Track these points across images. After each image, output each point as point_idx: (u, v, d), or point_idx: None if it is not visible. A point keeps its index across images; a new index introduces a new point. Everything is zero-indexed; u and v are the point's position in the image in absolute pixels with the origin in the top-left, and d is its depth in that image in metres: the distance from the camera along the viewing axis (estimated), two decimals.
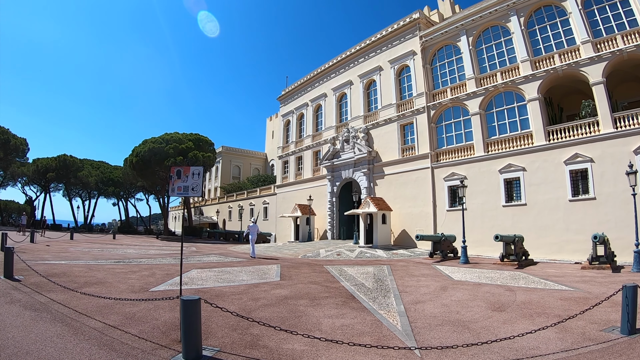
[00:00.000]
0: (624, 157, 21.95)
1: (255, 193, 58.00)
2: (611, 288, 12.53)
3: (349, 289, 13.33)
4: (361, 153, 37.31)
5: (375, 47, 38.69)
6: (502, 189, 27.50)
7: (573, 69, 25.67)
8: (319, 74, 46.06)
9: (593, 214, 23.02)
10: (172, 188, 9.05)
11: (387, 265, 20.48)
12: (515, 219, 26.38)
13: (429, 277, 16.36)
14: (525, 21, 28.44)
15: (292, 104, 51.19)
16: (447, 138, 31.98)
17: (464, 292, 12.92)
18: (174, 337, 7.54)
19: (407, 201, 33.27)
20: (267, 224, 52.57)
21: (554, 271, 18.42)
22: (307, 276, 16.26)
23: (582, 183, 24.08)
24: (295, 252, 29.09)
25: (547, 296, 11.93)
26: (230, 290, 12.54)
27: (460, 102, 31.10)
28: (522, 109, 27.83)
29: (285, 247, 33.97)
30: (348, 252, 27.69)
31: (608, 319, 9.03)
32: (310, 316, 9.46)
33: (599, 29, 25.30)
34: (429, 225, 31.22)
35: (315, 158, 45.63)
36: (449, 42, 32.78)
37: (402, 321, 9.09)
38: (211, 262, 20.71)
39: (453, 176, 30.18)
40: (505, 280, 15.42)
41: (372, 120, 37.96)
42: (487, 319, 9.33)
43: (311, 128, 46.54)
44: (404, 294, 12.42)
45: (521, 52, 28.19)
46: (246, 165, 78.78)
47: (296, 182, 47.92)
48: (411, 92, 34.85)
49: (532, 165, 26.25)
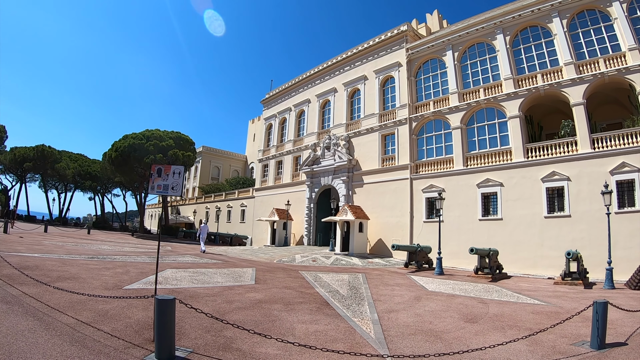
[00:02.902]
0: (600, 177, 22.32)
1: (233, 195, 57.34)
2: (582, 303, 12.69)
3: (323, 295, 13.26)
4: (341, 161, 37.19)
5: (361, 56, 38.76)
6: (480, 203, 27.66)
7: (555, 89, 26.11)
8: (303, 79, 45.93)
9: (568, 231, 23.33)
10: (152, 186, 8.98)
11: (362, 273, 20.38)
12: (491, 232, 26.56)
13: (403, 287, 16.33)
14: (511, 40, 28.86)
15: (275, 108, 50.92)
16: (428, 150, 32.04)
17: (437, 302, 12.90)
18: (147, 336, 7.44)
19: (385, 211, 33.22)
20: (244, 227, 52.02)
21: (527, 285, 18.54)
22: (282, 281, 16.13)
23: (558, 200, 24.42)
24: (271, 256, 28.80)
25: (520, 309, 11.99)
26: (205, 292, 12.40)
27: (442, 116, 31.23)
28: (502, 125, 28.10)
29: (261, 250, 33.51)
30: (324, 258, 27.45)
31: (578, 333, 9.12)
32: (284, 321, 9.39)
33: (582, 51, 25.86)
34: (406, 236, 31.18)
35: (295, 163, 45.33)
36: (435, 56, 33.01)
37: (376, 329, 9.07)
38: (186, 263, 20.40)
39: (431, 188, 30.22)
40: (479, 292, 15.46)
41: (354, 129, 37.92)
42: (459, 329, 9.35)
43: (293, 133, 46.29)
44: (378, 303, 12.38)
45: (505, 70, 28.54)
46: (226, 167, 77.97)
47: (275, 187, 47.46)
48: (394, 103, 34.95)
49: (509, 181, 26.48)
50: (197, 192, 72.61)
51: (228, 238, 49.24)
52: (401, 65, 34.63)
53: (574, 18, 26.51)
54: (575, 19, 26.50)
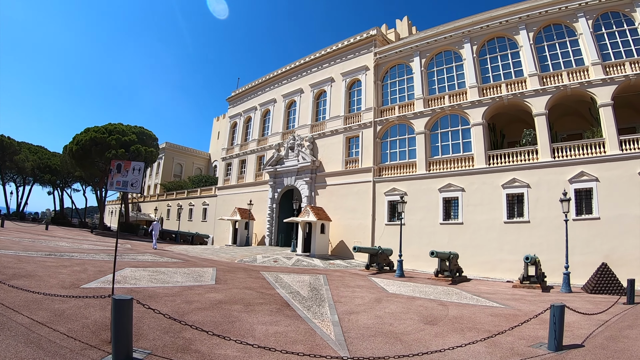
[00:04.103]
0: (559, 185, 22.76)
1: (195, 193, 55.62)
2: (540, 306, 12.85)
3: (284, 296, 13.01)
4: (305, 162, 36.42)
5: (329, 58, 38.15)
6: (441, 207, 27.58)
7: (518, 99, 26.38)
8: (270, 79, 44.90)
9: (526, 236, 23.58)
10: (111, 182, 8.71)
11: (323, 274, 19.93)
12: (452, 236, 26.47)
13: (364, 289, 16.09)
14: (477, 49, 29.00)
15: (240, 106, 49.67)
16: (391, 154, 31.75)
17: (397, 304, 12.74)
18: (104, 337, 7.11)
19: (347, 213, 32.65)
20: (205, 225, 50.38)
21: (486, 288, 18.52)
22: (242, 281, 15.71)
23: (518, 206, 24.67)
24: (232, 256, 27.93)
25: (479, 312, 11.97)
26: (164, 292, 11.92)
27: (406, 120, 30.97)
28: (466, 132, 28.10)
29: (223, 250, 32.51)
30: (285, 259, 26.82)
31: (536, 335, 9.16)
32: (244, 322, 9.17)
33: (547, 64, 26.28)
34: (367, 238, 30.74)
35: (259, 163, 44.15)
36: (402, 62, 32.79)
37: (336, 331, 8.95)
38: (146, 261, 19.62)
39: (394, 191, 29.89)
40: (439, 295, 15.36)
41: (319, 130, 37.21)
42: (419, 331, 9.28)
43: (257, 132, 45.11)
44: (338, 304, 12.20)
45: (470, 78, 28.60)
46: (189, 164, 75.78)
47: (238, 186, 46.17)
48: (360, 106, 34.52)
49: (471, 186, 26.51)
50: (159, 189, 70.32)
51: (189, 237, 47.69)
52: (368, 69, 34.22)
53: (541, 31, 26.95)
54: (541, 32, 26.94)
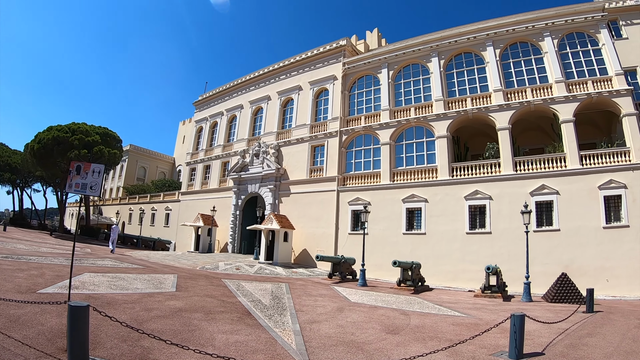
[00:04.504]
0: (520, 197, 23.27)
1: (158, 197, 53.79)
2: (501, 315, 12.88)
3: (245, 304, 12.68)
4: (270, 169, 35.72)
5: (298, 66, 37.76)
6: (404, 217, 27.50)
7: (483, 113, 26.79)
8: (238, 84, 44.08)
9: (488, 247, 23.89)
10: (70, 184, 8.50)
11: (285, 283, 19.61)
12: (415, 246, 26.42)
13: (326, 298, 15.83)
14: (445, 63, 29.34)
15: (207, 111, 48.56)
16: (356, 164, 31.54)
17: (359, 314, 12.57)
18: (60, 345, 6.78)
19: (311, 221, 32.15)
20: (168, 231, 48.64)
21: (448, 298, 18.52)
22: (203, 289, 15.27)
23: (480, 218, 24.96)
24: (194, 262, 27.21)
25: (440, 321, 11.92)
26: (123, 298, 11.50)
27: (372, 131, 30.88)
28: (430, 144, 28.25)
29: (184, 257, 31.51)
30: (247, 267, 26.26)
31: (497, 344, 9.14)
32: (204, 330, 8.90)
33: (512, 80, 26.93)
34: (330, 247, 30.32)
35: (223, 169, 43.07)
36: (370, 73, 32.79)
37: (297, 340, 8.78)
38: (106, 267, 18.91)
39: (358, 201, 29.62)
40: (401, 304, 15.21)
41: (285, 138, 36.65)
42: (381, 340, 9.15)
43: (223, 138, 44.09)
44: (300, 313, 11.97)
45: (436, 92, 28.87)
46: (152, 168, 73.28)
47: (202, 191, 44.85)
48: (326, 115, 34.23)
49: (434, 197, 26.61)
50: (121, 192, 67.92)
51: (151, 242, 46.04)
52: (337, 78, 34.03)
53: (507, 48, 27.67)
54: (508, 49, 27.66)
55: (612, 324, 12.23)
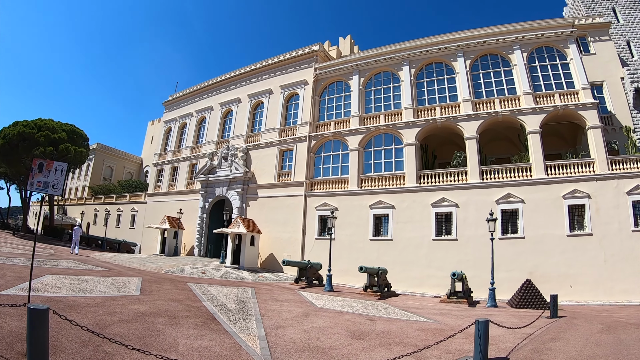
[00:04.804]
0: (486, 205, 23.59)
1: (125, 198, 51.80)
2: (466, 321, 12.81)
3: (210, 309, 12.38)
4: (238, 172, 34.95)
5: (270, 70, 37.20)
6: (371, 223, 27.32)
7: (451, 122, 26.95)
8: (209, 86, 43.17)
9: (454, 253, 23.94)
10: (32, 182, 8.26)
11: (251, 287, 19.22)
12: (381, 252, 26.21)
13: (292, 303, 15.60)
14: (415, 72, 29.45)
15: (176, 112, 47.28)
16: (324, 169, 31.20)
17: (325, 319, 12.42)
18: (20, 349, 6.56)
19: (278, 226, 31.53)
20: (133, 233, 46.81)
21: (414, 303, 18.40)
22: (168, 293, 14.86)
23: (446, 225, 25.06)
24: (159, 266, 26.39)
25: (406, 326, 11.85)
26: (86, 302, 11.14)
27: (341, 137, 30.62)
28: (399, 151, 28.23)
29: (150, 259, 30.54)
30: (214, 271, 25.58)
31: (462, 349, 9.13)
32: (167, 335, 8.61)
33: (481, 91, 27.29)
34: (297, 252, 29.78)
35: (191, 171, 41.87)
36: (341, 79, 32.58)
37: (262, 345, 8.62)
38: (69, 269, 18.23)
39: (325, 206, 29.23)
40: (367, 309, 15.08)
41: (254, 141, 35.93)
42: (346, 346, 9.07)
43: (192, 139, 42.95)
44: (265, 318, 11.76)
45: (406, 100, 28.90)
46: (119, 168, 70.84)
47: (169, 193, 43.43)
48: (296, 119, 33.76)
49: (401, 204, 26.54)
50: (87, 192, 65.47)
51: (116, 244, 44.05)
52: (308, 83, 33.65)
53: (478, 60, 28.05)
54: (478, 60, 28.04)
55: (575, 329, 12.37)
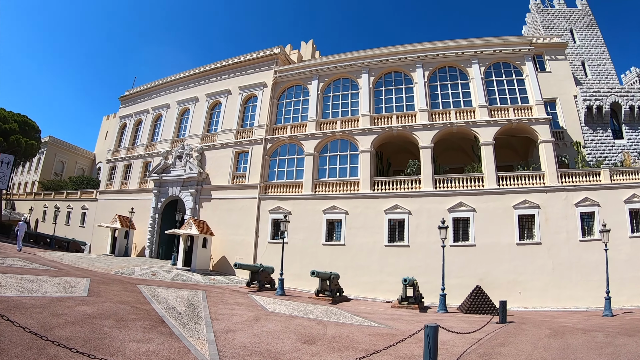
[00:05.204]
0: (439, 213, 23.82)
1: (75, 195, 48.60)
2: (417, 326, 12.70)
3: (159, 312, 11.88)
4: (192, 172, 33.66)
5: (229, 70, 36.17)
6: (324, 228, 27.04)
7: (407, 131, 27.03)
8: (167, 82, 41.53)
9: (406, 260, 24.04)
10: None
11: (202, 290, 18.56)
12: (334, 257, 25.94)
13: (243, 306, 15.14)
14: (375, 80, 29.44)
15: (133, 107, 45.18)
16: (279, 172, 30.57)
17: (276, 323, 12.18)
18: None
19: (231, 228, 30.53)
20: (83, 231, 43.88)
21: (366, 308, 18.33)
22: (117, 294, 14.18)
23: (399, 231, 25.15)
24: (109, 266, 25.25)
25: (357, 331, 11.74)
26: (31, 302, 10.54)
27: (297, 141, 30.11)
28: (354, 157, 28.08)
29: (99, 260, 29.00)
30: (164, 272, 24.65)
31: (412, 354, 9.09)
32: (114, 339, 8.22)
33: (438, 101, 27.61)
34: (250, 255, 28.91)
35: (144, 169, 40.01)
36: (300, 83, 32.09)
37: (211, 350, 8.35)
38: (15, 267, 17.40)
39: (279, 210, 28.55)
40: (318, 314, 14.85)
41: (210, 142, 34.80)
42: (296, 350, 8.91)
43: (147, 137, 41.13)
44: (215, 322, 11.39)
45: (364, 107, 28.78)
46: (71, 163, 66.71)
47: (121, 191, 41.31)
48: (253, 121, 32.92)
49: (355, 209, 26.36)
50: (36, 187, 62.00)
51: (65, 243, 41.31)
52: (267, 86, 32.91)
53: (436, 71, 28.41)
54: (437, 72, 28.41)
55: (524, 334, 12.50)
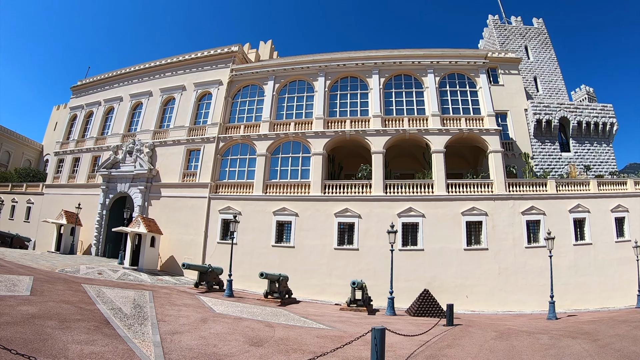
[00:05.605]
0: (388, 217, 23.82)
1: (21, 188, 45.00)
2: (365, 328, 12.46)
3: (104, 313, 11.49)
4: (142, 169, 32.03)
5: (185, 65, 34.84)
6: (274, 229, 26.61)
7: (360, 136, 27.01)
8: (120, 74, 39.46)
9: (355, 263, 24.06)
10: None
11: (149, 291, 17.99)
12: (284, 259, 25.55)
13: (190, 308, 14.79)
14: (330, 84, 29.33)
15: (84, 98, 42.54)
16: (230, 172, 29.74)
17: (224, 325, 11.94)
18: None
19: (180, 227, 29.28)
20: (28, 227, 40.73)
21: (315, 310, 18.27)
22: (61, 294, 13.65)
23: (349, 234, 25.21)
24: (54, 264, 23.96)
25: (305, 333, 11.60)
26: None
27: (250, 141, 29.39)
28: (306, 159, 27.83)
29: (44, 257, 27.28)
30: (111, 271, 23.63)
31: (360, 356, 9.03)
32: (57, 340, 7.82)
33: (392, 108, 27.84)
34: (199, 255, 27.89)
35: (93, 163, 37.72)
36: (256, 83, 31.38)
37: (157, 352, 8.09)
38: None
39: (229, 210, 27.70)
40: (267, 316, 14.72)
41: (161, 138, 33.31)
42: (243, 353, 8.69)
43: (97, 130, 38.84)
44: (162, 323, 11.05)
45: (318, 110, 28.56)
46: (18, 154, 61.80)
47: (68, 186, 38.68)
48: (207, 119, 31.87)
49: (305, 212, 26.11)
50: None
51: (9, 238, 37.98)
52: (222, 84, 31.90)
53: (392, 78, 28.62)
54: (392, 79, 28.63)
55: (470, 336, 12.63)
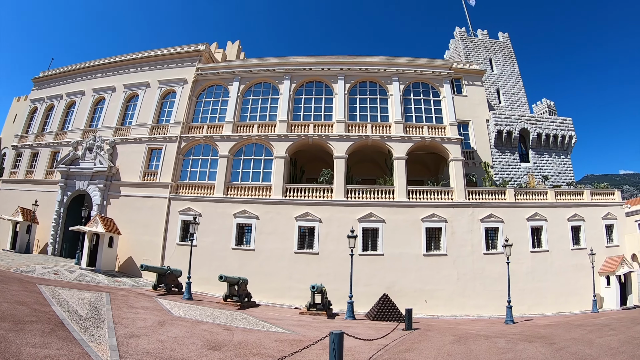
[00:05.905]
0: (349, 222, 23.73)
1: None
2: (324, 332, 12.34)
3: (60, 315, 10.96)
4: (102, 166, 30.67)
5: (150, 62, 33.73)
6: (234, 232, 26.16)
7: (323, 140, 26.97)
8: (83, 68, 37.80)
9: (315, 267, 24.00)
10: None
11: (106, 292, 17.34)
12: (243, 262, 25.11)
13: (148, 310, 14.38)
14: (296, 88, 29.13)
15: (46, 91, 40.54)
16: (192, 173, 29.01)
17: (182, 328, 11.67)
18: None
19: (139, 228, 28.20)
20: None
21: (274, 314, 18.17)
22: (15, 295, 12.98)
23: (309, 238, 24.98)
24: (8, 263, 22.65)
25: (264, 337, 11.53)
26: None
27: (213, 142, 28.79)
28: (268, 162, 27.64)
29: None
30: (67, 272, 22.54)
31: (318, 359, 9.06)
32: (10, 343, 7.45)
33: (356, 114, 27.97)
34: (158, 256, 27.00)
35: (52, 159, 35.80)
36: (221, 83, 30.73)
37: (113, 356, 7.87)
38: None
39: (189, 211, 26.90)
40: (226, 319, 14.49)
41: (123, 135, 32.11)
42: (201, 357, 8.54)
43: (58, 124, 37.00)
44: (118, 326, 10.67)
45: (282, 113, 28.32)
46: None
47: (25, 181, 36.64)
48: (170, 118, 30.92)
49: (265, 215, 25.82)
50: None
51: None
52: (187, 82, 31.06)
53: (357, 84, 28.74)
54: (357, 85, 28.76)
55: (429, 340, 12.67)
